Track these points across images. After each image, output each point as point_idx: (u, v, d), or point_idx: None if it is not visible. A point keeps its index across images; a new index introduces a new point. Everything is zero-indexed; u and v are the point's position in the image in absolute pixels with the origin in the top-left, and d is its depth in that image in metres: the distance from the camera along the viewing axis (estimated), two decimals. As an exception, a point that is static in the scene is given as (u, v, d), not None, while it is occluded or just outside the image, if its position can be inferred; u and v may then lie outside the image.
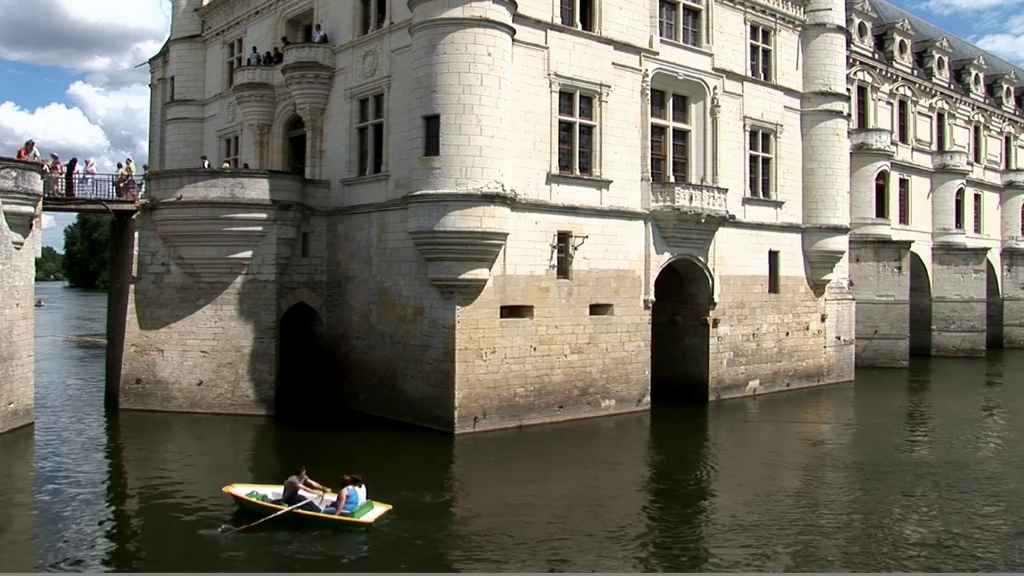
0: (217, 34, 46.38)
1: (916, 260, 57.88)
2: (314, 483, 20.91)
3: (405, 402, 32.27)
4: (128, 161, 36.77)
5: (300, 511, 19.84)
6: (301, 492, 20.38)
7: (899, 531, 20.59)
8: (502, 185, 29.95)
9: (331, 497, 20.28)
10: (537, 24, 32.70)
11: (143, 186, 35.78)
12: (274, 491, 20.82)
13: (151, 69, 58.08)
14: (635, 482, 25.99)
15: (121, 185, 35.46)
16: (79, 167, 35.59)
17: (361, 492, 20.20)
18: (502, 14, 30.41)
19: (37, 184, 30.67)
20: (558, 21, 33.43)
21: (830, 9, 44.41)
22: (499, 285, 31.33)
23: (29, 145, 33.34)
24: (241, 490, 21.01)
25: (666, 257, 36.84)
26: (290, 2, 40.69)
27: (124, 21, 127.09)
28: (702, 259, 38.29)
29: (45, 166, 32.76)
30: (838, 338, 46.07)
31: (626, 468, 27.51)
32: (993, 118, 69.38)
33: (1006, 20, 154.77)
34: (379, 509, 20.14)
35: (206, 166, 38.27)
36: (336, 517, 19.65)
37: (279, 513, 19.65)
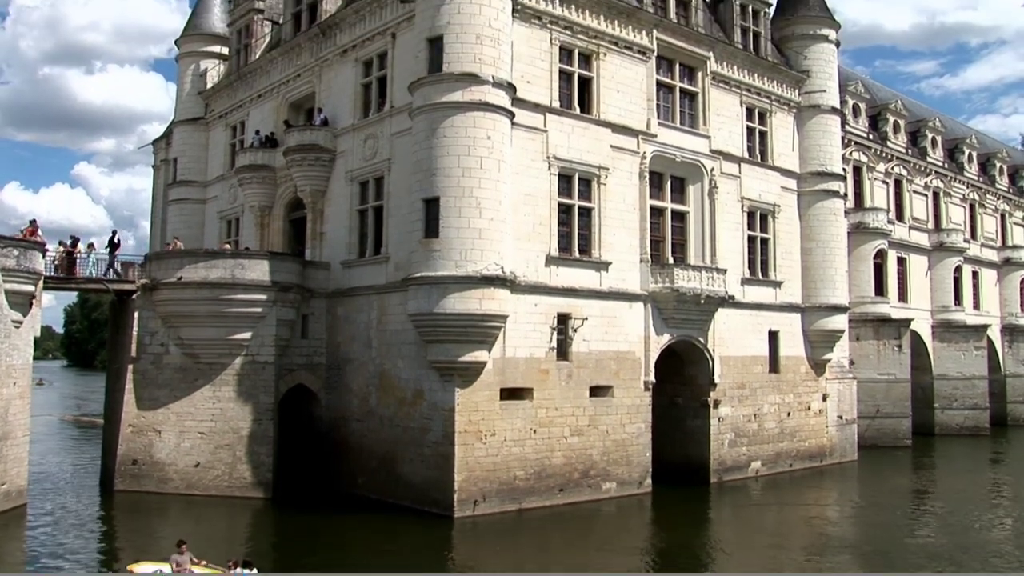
0: (220, 117, 47.02)
1: (916, 338, 57.77)
2: (196, 560, 20.56)
3: (404, 485, 31.92)
4: (114, 232, 37.16)
5: None
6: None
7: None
8: (502, 267, 30.03)
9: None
10: (536, 107, 33.16)
11: (144, 265, 35.95)
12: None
13: (155, 151, 58.77)
14: (638, 567, 25.60)
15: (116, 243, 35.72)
16: (81, 246, 35.84)
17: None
18: (501, 98, 30.82)
19: (39, 263, 30.82)
20: (556, 104, 33.90)
21: (824, 91, 45.09)
22: (499, 367, 31.22)
23: (33, 224, 33.54)
24: (146, 568, 20.53)
25: (666, 338, 36.80)
26: (292, 86, 41.29)
27: (131, 103, 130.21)
28: (702, 340, 38.24)
29: (62, 248, 33.40)
30: (840, 417, 45.79)
31: (628, 554, 27.11)
32: (988, 196, 69.99)
33: (995, 101, 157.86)
34: None
35: (178, 246, 38.35)
36: None
37: None
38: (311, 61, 39.62)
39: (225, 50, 47.99)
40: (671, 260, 37.52)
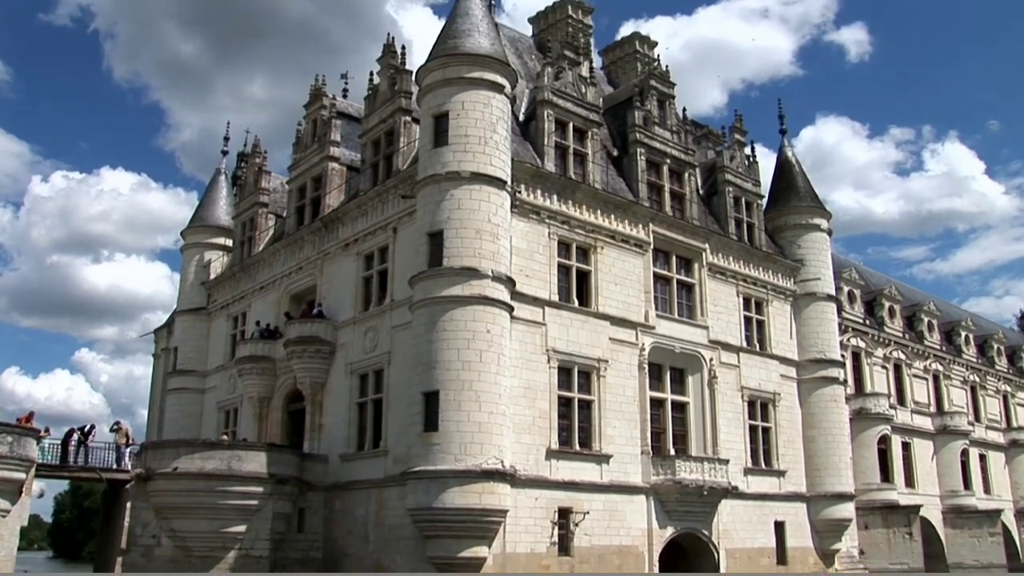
0: (222, 307, 47.58)
1: (927, 525, 56.40)
2: None
3: None
4: (117, 423, 36.75)
5: None
6: None
7: None
8: (501, 461, 29.72)
9: None
10: (535, 301, 33.61)
11: (140, 454, 35.51)
12: None
13: (156, 339, 59.16)
14: None
15: (121, 444, 35.31)
16: (74, 436, 35.44)
17: None
18: (501, 292, 31.27)
19: (32, 451, 30.50)
20: (555, 298, 34.39)
21: (819, 279, 45.82)
22: (499, 563, 30.41)
23: (30, 415, 33.46)
24: None
25: (669, 531, 36.02)
26: (294, 278, 41.96)
27: (135, 292, 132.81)
28: (706, 532, 37.40)
29: (75, 434, 33.59)
30: (853, 612, 44.26)
31: None
32: (988, 377, 69.88)
33: (987, 283, 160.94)
34: None
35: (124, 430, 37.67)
36: None
37: None
38: (313, 254, 40.43)
39: (229, 242, 49.08)
40: (672, 451, 37.19)
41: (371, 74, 39.88)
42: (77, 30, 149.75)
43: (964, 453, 62.00)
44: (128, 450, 35.50)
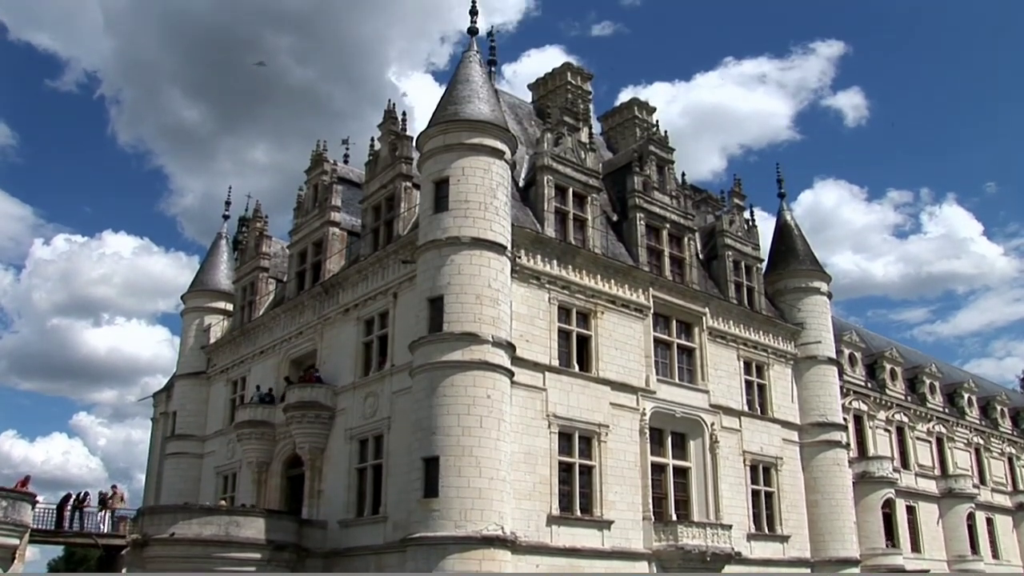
0: (222, 372, 47.45)
1: (934, 591, 55.68)
2: None
3: None
4: (114, 487, 36.62)
5: None
6: None
7: None
8: (502, 528, 29.42)
9: None
10: (535, 366, 33.55)
11: (136, 519, 35.24)
12: None
13: (154, 403, 58.96)
14: None
15: (108, 501, 34.97)
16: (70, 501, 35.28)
17: None
18: (501, 357, 31.23)
19: (27, 515, 30.26)
20: (556, 363, 34.33)
21: (819, 342, 45.77)
22: (500, 633, 29.96)
23: (25, 479, 33.30)
24: None
25: (672, 598, 35.54)
26: (294, 343, 41.91)
27: (135, 355, 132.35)
28: (710, 599, 36.90)
29: (87, 500, 33.79)
30: None
31: None
32: (992, 440, 69.29)
33: (987, 345, 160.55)
34: None
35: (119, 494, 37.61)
36: None
37: None
38: (313, 319, 40.44)
39: (229, 306, 49.12)
40: (674, 517, 36.79)
41: (372, 140, 40.29)
42: (83, 96, 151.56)
43: (970, 517, 61.27)
44: (118, 511, 35.43)
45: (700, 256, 43.37)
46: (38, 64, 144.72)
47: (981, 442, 67.55)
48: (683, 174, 44.32)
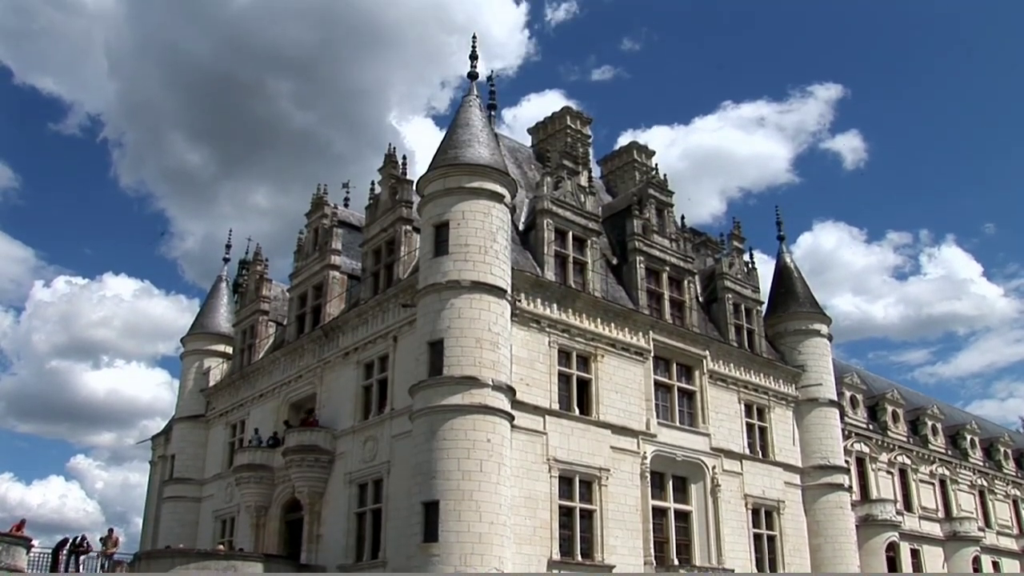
0: (221, 415, 47.30)
1: (941, 635, 55.05)
2: None
3: None
4: (111, 530, 36.41)
5: None
6: None
7: None
8: (502, 573, 29.15)
9: None
10: (535, 410, 33.49)
11: (133, 564, 35.00)
12: None
13: (153, 446, 58.69)
14: None
15: (108, 551, 34.79)
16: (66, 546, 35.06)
17: None
18: (501, 401, 31.15)
19: (22, 559, 30.05)
20: (556, 407, 34.25)
21: (820, 384, 45.66)
22: None
23: (21, 523, 33.10)
24: None
25: (675, 645, 35.16)
26: (294, 386, 41.80)
27: (134, 398, 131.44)
28: (713, 646, 36.53)
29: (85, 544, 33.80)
30: None
31: None
32: (996, 481, 68.84)
33: (989, 386, 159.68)
34: None
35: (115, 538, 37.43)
36: None
37: None
38: (313, 362, 40.38)
39: (229, 349, 49.06)
40: (676, 561, 36.47)
41: (372, 183, 40.50)
42: (86, 139, 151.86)
43: (976, 560, 60.68)
44: (114, 556, 35.23)
45: (700, 299, 43.40)
46: (42, 107, 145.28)
47: (985, 484, 67.12)
48: (682, 217, 44.54)
